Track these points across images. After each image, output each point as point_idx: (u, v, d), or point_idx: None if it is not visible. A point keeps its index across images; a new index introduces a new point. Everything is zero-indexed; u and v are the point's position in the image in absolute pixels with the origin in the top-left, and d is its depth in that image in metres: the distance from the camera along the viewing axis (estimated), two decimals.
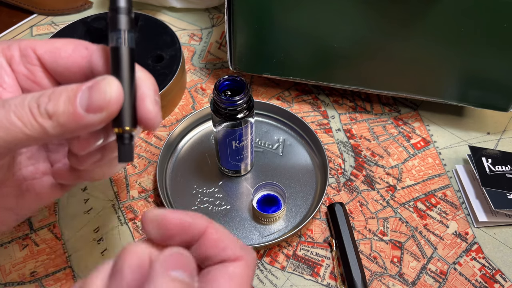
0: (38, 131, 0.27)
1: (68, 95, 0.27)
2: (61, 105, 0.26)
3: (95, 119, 0.27)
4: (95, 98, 0.26)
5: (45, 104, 0.26)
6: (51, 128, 0.27)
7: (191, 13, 0.67)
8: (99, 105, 0.26)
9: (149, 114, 0.29)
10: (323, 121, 0.56)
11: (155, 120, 0.29)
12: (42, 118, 0.26)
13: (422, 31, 0.47)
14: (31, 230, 0.47)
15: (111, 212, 0.49)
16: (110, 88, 0.27)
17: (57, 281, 0.44)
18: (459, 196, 0.50)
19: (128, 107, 0.28)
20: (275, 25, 0.50)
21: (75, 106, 0.26)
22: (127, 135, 0.28)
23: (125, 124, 0.28)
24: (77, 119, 0.26)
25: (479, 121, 0.56)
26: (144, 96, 0.29)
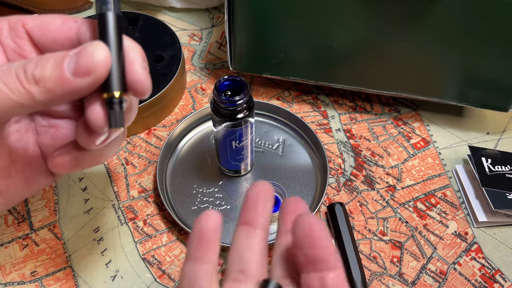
0: (25, 97, 0.26)
1: (55, 60, 0.26)
2: (48, 69, 0.26)
3: (83, 83, 0.26)
4: (83, 62, 0.26)
5: (32, 70, 0.26)
6: (38, 93, 0.26)
7: (191, 13, 0.67)
8: (87, 68, 0.26)
9: (138, 77, 0.29)
10: (323, 121, 0.56)
11: (145, 83, 0.29)
12: (28, 84, 0.26)
13: (422, 31, 0.47)
14: (31, 230, 0.47)
15: (111, 212, 0.49)
16: (97, 51, 0.26)
17: (57, 281, 0.45)
18: (459, 196, 0.50)
19: (116, 72, 0.28)
20: (275, 25, 0.50)
21: (62, 70, 0.26)
22: (116, 100, 0.28)
23: (114, 88, 0.28)
24: (64, 83, 0.26)
25: (479, 121, 0.57)
26: (132, 60, 0.29)
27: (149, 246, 0.47)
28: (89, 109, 0.29)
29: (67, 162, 0.32)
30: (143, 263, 0.46)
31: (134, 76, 0.29)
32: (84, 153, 0.32)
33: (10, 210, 0.48)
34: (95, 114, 0.28)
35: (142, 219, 0.48)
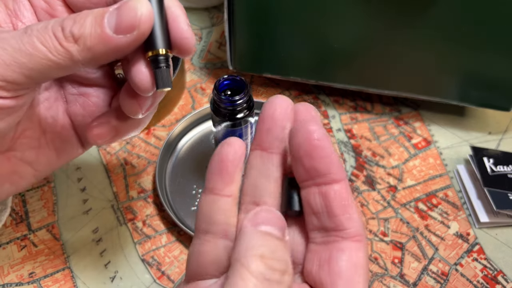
0: (64, 56, 0.25)
1: (94, 16, 0.25)
2: (88, 26, 0.25)
3: (125, 41, 0.25)
4: (125, 17, 0.25)
5: (70, 27, 0.25)
6: (78, 52, 0.25)
7: (190, 13, 0.67)
8: (130, 24, 0.25)
9: (184, 33, 0.27)
10: (323, 121, 0.56)
11: (191, 40, 0.27)
12: (67, 42, 0.25)
13: (423, 30, 0.47)
14: (29, 231, 0.47)
15: (110, 212, 0.49)
16: (140, 5, 0.25)
17: (55, 282, 0.44)
18: (461, 197, 0.50)
19: (160, 28, 0.26)
20: (275, 24, 0.50)
21: (103, 27, 0.25)
22: (162, 57, 0.26)
23: (159, 46, 0.26)
24: (105, 41, 0.25)
25: (481, 121, 0.56)
26: (176, 16, 0.27)
27: (148, 246, 0.46)
28: (134, 71, 0.27)
29: (106, 132, 0.31)
30: (142, 264, 0.45)
31: (179, 33, 0.27)
32: (124, 122, 0.31)
33: None
34: (141, 75, 0.27)
35: (142, 220, 0.48)
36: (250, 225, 0.23)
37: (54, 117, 0.32)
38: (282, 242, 0.23)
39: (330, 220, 0.24)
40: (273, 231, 0.22)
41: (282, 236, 0.23)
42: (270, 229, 0.23)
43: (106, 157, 0.52)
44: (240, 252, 0.22)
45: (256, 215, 0.23)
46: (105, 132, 0.31)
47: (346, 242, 0.24)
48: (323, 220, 0.24)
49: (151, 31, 0.26)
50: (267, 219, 0.23)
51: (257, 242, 0.22)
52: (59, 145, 0.33)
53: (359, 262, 0.24)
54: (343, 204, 0.24)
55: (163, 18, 0.26)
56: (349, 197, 0.24)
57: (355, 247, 0.24)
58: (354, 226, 0.24)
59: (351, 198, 0.24)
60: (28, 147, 0.31)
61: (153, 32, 0.26)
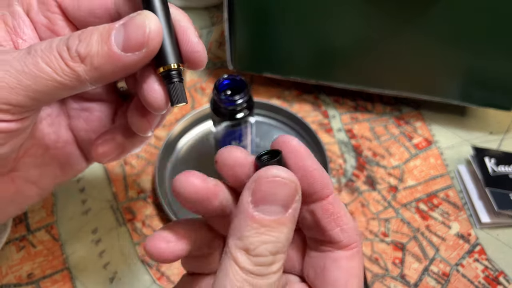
0: (70, 76, 0.24)
1: (100, 34, 0.24)
2: (94, 45, 0.24)
3: (134, 58, 0.24)
4: (133, 34, 0.23)
5: (76, 46, 0.24)
6: (85, 72, 0.24)
7: (190, 12, 0.67)
8: (138, 41, 0.23)
9: (195, 47, 0.26)
10: (323, 121, 0.56)
11: (202, 53, 0.26)
12: (73, 62, 0.24)
13: (424, 29, 0.46)
14: (28, 232, 0.47)
15: (109, 213, 0.48)
16: (148, 22, 0.24)
17: (54, 283, 0.44)
18: (462, 197, 0.50)
19: (170, 42, 0.25)
20: (275, 24, 0.50)
21: (110, 45, 0.24)
22: (174, 72, 0.25)
23: (171, 61, 0.25)
24: (113, 59, 0.24)
25: (482, 120, 0.56)
26: (185, 29, 0.26)
27: None
28: (146, 89, 0.26)
29: (111, 150, 0.30)
30: (141, 265, 0.45)
31: (190, 47, 0.26)
32: (130, 139, 0.30)
33: None
34: (154, 93, 0.26)
35: (141, 220, 0.48)
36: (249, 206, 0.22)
37: (57, 133, 0.31)
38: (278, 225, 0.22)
39: (322, 234, 0.24)
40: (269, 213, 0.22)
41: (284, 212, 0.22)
42: (268, 209, 0.22)
43: None
44: (229, 245, 0.22)
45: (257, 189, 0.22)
46: (110, 150, 0.30)
47: (339, 252, 0.24)
48: (316, 234, 0.24)
49: (160, 46, 0.25)
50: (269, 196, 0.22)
51: (243, 231, 0.21)
52: (63, 161, 0.32)
53: (353, 272, 0.24)
54: (332, 219, 0.24)
55: (171, 31, 0.26)
56: (338, 210, 0.24)
57: (348, 256, 0.24)
58: (347, 236, 0.24)
59: (341, 209, 0.24)
60: (31, 165, 0.30)
61: (163, 47, 0.25)
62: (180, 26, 0.26)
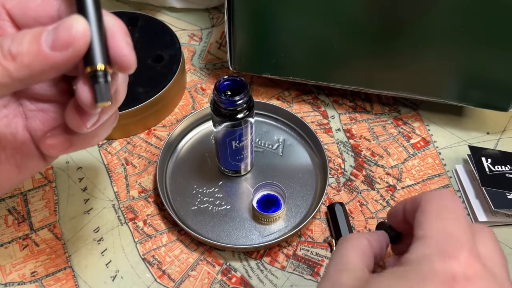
0: (2, 74, 0.26)
1: (32, 35, 0.26)
2: (25, 44, 0.26)
3: (61, 57, 0.26)
4: (61, 35, 0.25)
5: (8, 45, 0.26)
6: (15, 70, 0.26)
7: (191, 13, 0.67)
8: (65, 41, 0.25)
9: (121, 50, 0.28)
10: (323, 121, 0.56)
11: (129, 57, 0.28)
12: (5, 60, 0.25)
13: (422, 31, 0.47)
14: (31, 230, 0.47)
15: (111, 212, 0.49)
16: (76, 24, 0.26)
17: (57, 281, 0.45)
18: (459, 196, 0.50)
19: (98, 45, 0.27)
20: (275, 25, 0.50)
21: (39, 44, 0.25)
22: (100, 72, 0.27)
23: (97, 61, 0.27)
24: (42, 58, 0.25)
25: (479, 121, 0.57)
26: (114, 34, 0.28)
27: (149, 246, 0.47)
28: (77, 87, 0.28)
29: (60, 143, 0.32)
30: (143, 263, 0.46)
31: (117, 50, 0.28)
32: (77, 135, 0.32)
33: (10, 211, 0.49)
34: (82, 91, 0.28)
35: (142, 219, 0.48)
36: None
37: (14, 134, 0.33)
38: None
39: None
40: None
41: None
42: None
43: (107, 157, 0.53)
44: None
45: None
46: (58, 143, 0.32)
47: None
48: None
49: (88, 47, 0.27)
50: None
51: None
52: (20, 160, 0.33)
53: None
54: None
55: (101, 35, 0.27)
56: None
57: None
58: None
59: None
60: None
61: (91, 48, 0.27)
62: (110, 30, 0.28)
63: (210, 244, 0.46)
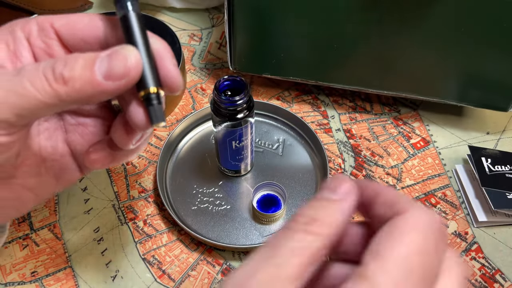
0: (52, 96, 0.26)
1: (85, 61, 0.26)
2: (78, 70, 0.26)
3: (113, 87, 0.26)
4: (116, 66, 0.26)
5: (61, 69, 0.26)
6: (66, 94, 0.26)
7: (191, 13, 0.67)
8: (120, 72, 0.26)
9: (171, 73, 0.29)
10: (323, 121, 0.56)
11: (178, 79, 0.29)
12: (56, 83, 0.26)
13: (422, 31, 0.47)
14: (31, 230, 0.47)
15: (111, 212, 0.49)
16: (130, 55, 0.26)
17: (57, 281, 0.45)
18: (459, 196, 0.50)
19: (149, 68, 0.28)
20: (275, 25, 0.50)
21: (93, 72, 0.26)
22: (153, 95, 0.28)
23: (150, 85, 0.28)
24: (94, 85, 0.26)
25: (479, 121, 0.57)
26: (162, 58, 0.29)
27: (149, 246, 0.47)
28: (130, 110, 0.29)
29: (103, 158, 0.33)
30: (143, 263, 0.46)
31: (166, 73, 0.29)
32: (119, 150, 0.33)
33: None
34: (137, 114, 0.29)
35: (142, 219, 0.48)
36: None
37: (54, 146, 0.34)
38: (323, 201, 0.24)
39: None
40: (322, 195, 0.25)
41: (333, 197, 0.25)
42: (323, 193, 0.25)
43: None
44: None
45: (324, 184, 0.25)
46: (101, 157, 0.33)
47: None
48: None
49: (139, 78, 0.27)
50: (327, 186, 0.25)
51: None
52: (58, 172, 0.34)
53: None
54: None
55: (150, 59, 0.28)
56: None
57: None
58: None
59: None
60: (29, 174, 0.32)
61: (143, 73, 0.28)
62: (159, 53, 0.29)
63: (210, 244, 0.46)
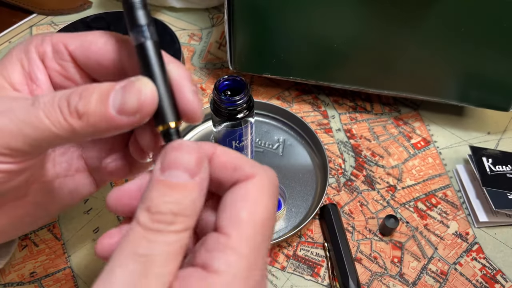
0: (67, 130, 0.25)
1: (100, 94, 0.25)
2: (93, 104, 0.25)
3: (128, 121, 0.25)
4: (129, 100, 0.25)
5: (76, 103, 0.25)
6: (80, 128, 0.25)
7: (190, 13, 0.67)
8: (133, 107, 0.25)
9: (190, 104, 0.28)
10: (323, 121, 0.56)
11: (197, 109, 0.28)
12: (71, 117, 0.25)
13: (423, 30, 0.47)
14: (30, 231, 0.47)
15: (111, 212, 0.49)
16: (144, 88, 0.25)
17: (56, 282, 0.44)
18: (460, 196, 0.50)
19: (167, 102, 0.26)
20: (275, 25, 0.50)
21: (107, 106, 0.25)
22: (173, 130, 0.26)
23: (169, 120, 0.26)
24: (108, 120, 0.25)
25: (480, 121, 0.56)
26: (181, 87, 0.28)
27: None
28: (137, 133, 0.29)
29: (120, 170, 0.32)
30: None
31: (185, 104, 0.27)
32: (136, 161, 0.32)
33: None
34: (144, 139, 0.29)
35: None
36: (157, 172, 0.24)
37: (69, 162, 0.33)
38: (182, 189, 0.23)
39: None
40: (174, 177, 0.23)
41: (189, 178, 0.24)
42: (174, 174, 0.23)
43: None
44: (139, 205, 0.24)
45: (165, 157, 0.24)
46: (118, 169, 0.32)
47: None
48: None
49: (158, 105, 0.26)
50: (174, 161, 0.24)
51: (150, 194, 0.23)
52: (73, 187, 0.34)
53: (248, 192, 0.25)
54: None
55: (168, 91, 0.27)
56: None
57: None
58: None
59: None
60: (41, 192, 0.32)
61: (161, 107, 0.26)
62: (176, 82, 0.28)
63: None
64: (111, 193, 0.26)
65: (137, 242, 0.23)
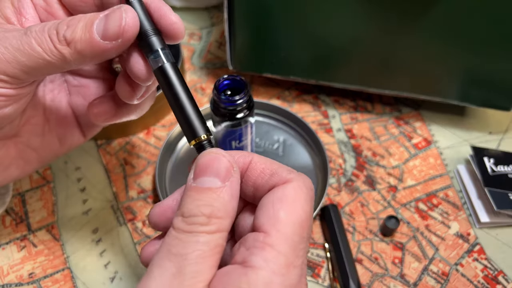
0: (57, 57, 0.28)
1: (85, 23, 0.28)
2: (79, 31, 0.28)
3: (111, 46, 0.28)
4: (111, 25, 0.27)
5: (64, 31, 0.28)
6: (69, 54, 0.28)
7: (190, 12, 0.67)
8: (115, 32, 0.27)
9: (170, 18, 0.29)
10: (323, 121, 0.56)
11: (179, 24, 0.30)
12: (60, 45, 0.28)
13: (424, 30, 0.47)
14: (29, 231, 0.47)
15: (110, 213, 0.48)
16: (126, 15, 0.27)
17: (55, 283, 0.44)
18: (461, 197, 0.50)
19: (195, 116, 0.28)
20: (275, 24, 0.50)
21: (91, 33, 0.27)
22: (205, 142, 0.28)
23: (200, 133, 0.28)
24: (93, 45, 0.27)
25: (481, 120, 0.56)
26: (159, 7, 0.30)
27: None
28: (132, 63, 0.30)
29: (105, 112, 0.34)
30: (142, 265, 0.45)
31: (171, 25, 0.29)
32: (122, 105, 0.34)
33: (8, 211, 0.48)
34: (139, 66, 0.30)
35: (141, 220, 0.48)
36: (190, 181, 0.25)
37: (58, 107, 0.36)
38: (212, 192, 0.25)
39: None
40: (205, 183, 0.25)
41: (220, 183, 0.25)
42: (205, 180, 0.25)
43: (105, 157, 0.52)
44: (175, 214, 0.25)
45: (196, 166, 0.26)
46: (104, 111, 0.34)
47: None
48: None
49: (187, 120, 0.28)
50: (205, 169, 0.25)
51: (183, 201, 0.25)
52: (62, 133, 0.36)
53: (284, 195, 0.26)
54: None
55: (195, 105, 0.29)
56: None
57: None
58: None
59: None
60: (33, 134, 0.35)
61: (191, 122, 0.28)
62: (157, 9, 0.30)
63: None
64: (153, 210, 0.28)
65: (172, 243, 0.24)
